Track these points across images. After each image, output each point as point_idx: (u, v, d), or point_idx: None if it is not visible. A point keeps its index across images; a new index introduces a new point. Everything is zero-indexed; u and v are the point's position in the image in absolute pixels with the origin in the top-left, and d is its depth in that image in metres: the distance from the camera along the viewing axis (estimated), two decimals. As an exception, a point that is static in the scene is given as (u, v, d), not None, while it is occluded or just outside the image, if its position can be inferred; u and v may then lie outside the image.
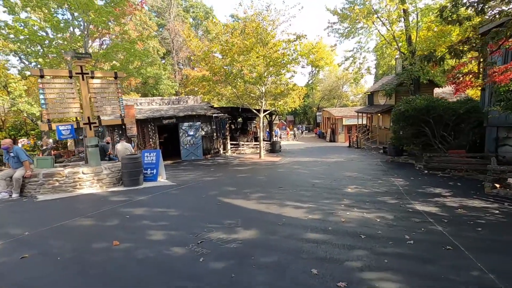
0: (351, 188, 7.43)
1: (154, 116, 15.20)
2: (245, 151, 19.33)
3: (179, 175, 10.61)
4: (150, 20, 29.71)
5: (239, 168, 12.40)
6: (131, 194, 7.09)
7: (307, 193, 6.98)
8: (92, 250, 3.85)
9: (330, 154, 17.85)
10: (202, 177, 9.92)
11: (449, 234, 4.02)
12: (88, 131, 7.88)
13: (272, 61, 13.69)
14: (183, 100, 19.39)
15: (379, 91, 22.84)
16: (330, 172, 10.32)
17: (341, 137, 32.55)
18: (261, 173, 10.84)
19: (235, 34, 14.02)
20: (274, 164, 13.78)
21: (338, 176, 9.47)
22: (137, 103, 17.99)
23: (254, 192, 7.16)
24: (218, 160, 15.81)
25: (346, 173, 10.10)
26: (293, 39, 14.62)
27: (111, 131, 14.43)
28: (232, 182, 8.72)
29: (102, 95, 8.15)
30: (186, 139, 16.08)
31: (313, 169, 11.44)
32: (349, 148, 22.79)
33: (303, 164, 13.04)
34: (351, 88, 43.47)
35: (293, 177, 9.55)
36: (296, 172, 10.77)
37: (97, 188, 7.66)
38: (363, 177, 9.08)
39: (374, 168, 11.36)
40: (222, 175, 10.32)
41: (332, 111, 34.60)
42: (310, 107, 50.58)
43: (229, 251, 3.69)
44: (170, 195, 7.07)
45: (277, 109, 20.26)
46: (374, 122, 24.27)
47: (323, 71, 48.38)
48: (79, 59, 7.66)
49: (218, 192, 7.23)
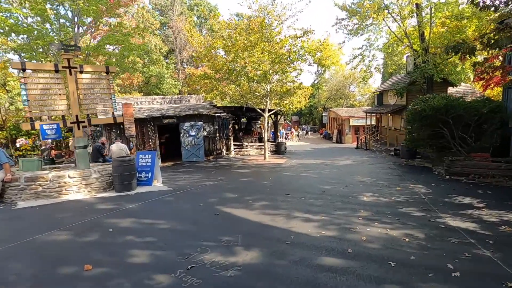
0: (367, 196, 6.61)
1: (154, 116, 14.53)
2: (249, 152, 18.57)
3: (177, 178, 9.89)
4: (153, 18, 29.13)
5: (243, 171, 11.65)
6: (120, 201, 6.38)
7: (317, 201, 6.19)
8: (55, 277, 3.12)
9: (338, 156, 17.00)
10: (202, 181, 9.18)
11: (503, 263, 3.20)
12: (76, 131, 7.19)
13: (278, 58, 12.90)
14: (185, 99, 18.72)
15: (388, 90, 21.91)
16: (340, 177, 9.51)
17: (348, 138, 31.61)
18: (265, 176, 10.07)
19: (238, 29, 13.28)
20: (279, 166, 13.00)
21: (350, 181, 8.65)
22: (138, 102, 17.36)
23: (258, 199, 6.40)
24: (220, 161, 15.08)
25: (358, 177, 9.28)
26: (300, 34, 13.83)
27: (109, 131, 13.79)
28: (233, 187, 7.97)
29: (92, 91, 7.46)
30: (187, 139, 15.38)
31: (321, 172, 10.63)
32: (357, 149, 21.89)
33: (311, 167, 12.24)
34: (358, 88, 42.44)
35: (300, 182, 8.75)
36: (303, 176, 9.98)
37: (85, 193, 6.97)
38: (378, 183, 8.25)
39: (388, 172, 10.51)
40: (223, 178, 9.57)
41: (338, 112, 33.68)
42: (315, 108, 49.63)
43: (224, 282, 2.93)
44: (164, 203, 6.34)
45: (283, 109, 19.49)
46: (383, 122, 23.33)
47: (330, 70, 47.41)
48: (66, 52, 6.98)
49: (217, 200, 6.48)
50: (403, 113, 19.46)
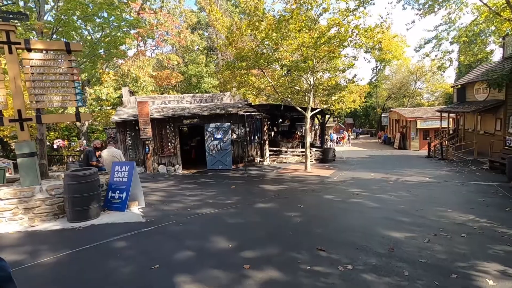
0: (493, 276, 3.14)
1: (174, 115, 12.47)
2: (288, 159, 15.51)
3: (177, 196, 7.40)
4: (193, 13, 27.88)
5: (270, 188, 8.71)
6: (49, 243, 4.03)
7: (379, 279, 2.99)
8: None
9: (405, 168, 12.90)
10: (205, 204, 6.50)
11: None
12: (20, 132, 5.12)
13: (323, 38, 9.65)
14: (217, 97, 16.48)
15: (475, 82, 16.75)
16: (416, 208, 5.94)
17: (414, 143, 26.21)
18: (297, 201, 6.97)
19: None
20: (322, 182, 9.72)
21: (438, 221, 5.08)
22: (165, 101, 15.65)
23: (263, 261, 3.44)
24: (250, 171, 12.35)
25: (450, 212, 5.62)
26: (353, 7, 10.32)
27: (122, 132, 12.12)
28: (237, 224, 5.11)
29: (46, 77, 5.35)
30: (212, 143, 13.02)
31: (383, 198, 7.11)
32: (429, 158, 17.14)
33: (366, 186, 8.72)
34: (428, 84, 35.76)
35: (348, 218, 5.48)
36: (355, 203, 6.60)
37: (22, 222, 4.83)
38: (494, 229, 4.57)
39: (499, 202, 6.53)
40: (237, 201, 6.78)
41: (402, 112, 28.37)
42: (373, 108, 43.94)
43: None
44: (100, 257, 3.75)
45: (331, 108, 15.98)
46: (467, 124, 18.04)
47: (391, 65, 41.36)
48: (5, 21, 4.97)
49: (192, 256, 3.69)
50: (499, 112, 14.35)
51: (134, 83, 17.24)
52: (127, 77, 17.48)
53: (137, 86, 17.28)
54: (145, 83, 17.35)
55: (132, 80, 17.32)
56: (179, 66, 24.85)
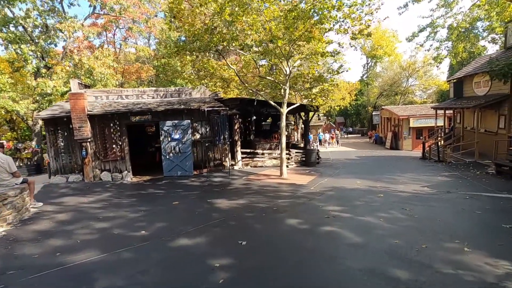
0: None
1: (119, 111, 10.22)
2: (264, 163, 13.40)
3: (77, 224, 5.19)
4: None
5: (221, 205, 6.56)
6: None
7: None
8: None
9: (398, 173, 10.93)
10: (99, 240, 4.34)
11: None
12: None
13: (295, 11, 7.53)
14: (185, 92, 14.26)
15: (475, 75, 14.92)
16: (418, 248, 3.87)
17: (407, 143, 24.50)
18: (239, 233, 4.82)
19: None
20: (293, 194, 7.63)
21: (456, 274, 3.04)
22: (121, 96, 13.35)
23: None
24: (214, 178, 10.20)
25: (470, 254, 3.57)
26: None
27: (52, 132, 9.79)
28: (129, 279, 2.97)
29: None
30: (169, 145, 10.81)
31: (368, 222, 5.00)
32: (424, 160, 15.28)
33: (348, 201, 6.65)
34: (421, 81, 34.09)
35: (307, 274, 3.37)
36: (325, 239, 4.43)
37: None
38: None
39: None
40: (151, 234, 4.62)
41: (394, 110, 26.65)
42: (364, 106, 42.27)
43: None
44: None
45: (314, 103, 13.95)
46: (465, 122, 16.24)
47: (382, 62, 39.73)
48: None
49: None
50: (503, 108, 12.54)
51: (88, 75, 14.96)
52: (81, 69, 15.18)
53: (93, 79, 15.01)
54: (103, 76, 15.08)
55: (86, 72, 15.03)
56: (152, 59, 22.56)
